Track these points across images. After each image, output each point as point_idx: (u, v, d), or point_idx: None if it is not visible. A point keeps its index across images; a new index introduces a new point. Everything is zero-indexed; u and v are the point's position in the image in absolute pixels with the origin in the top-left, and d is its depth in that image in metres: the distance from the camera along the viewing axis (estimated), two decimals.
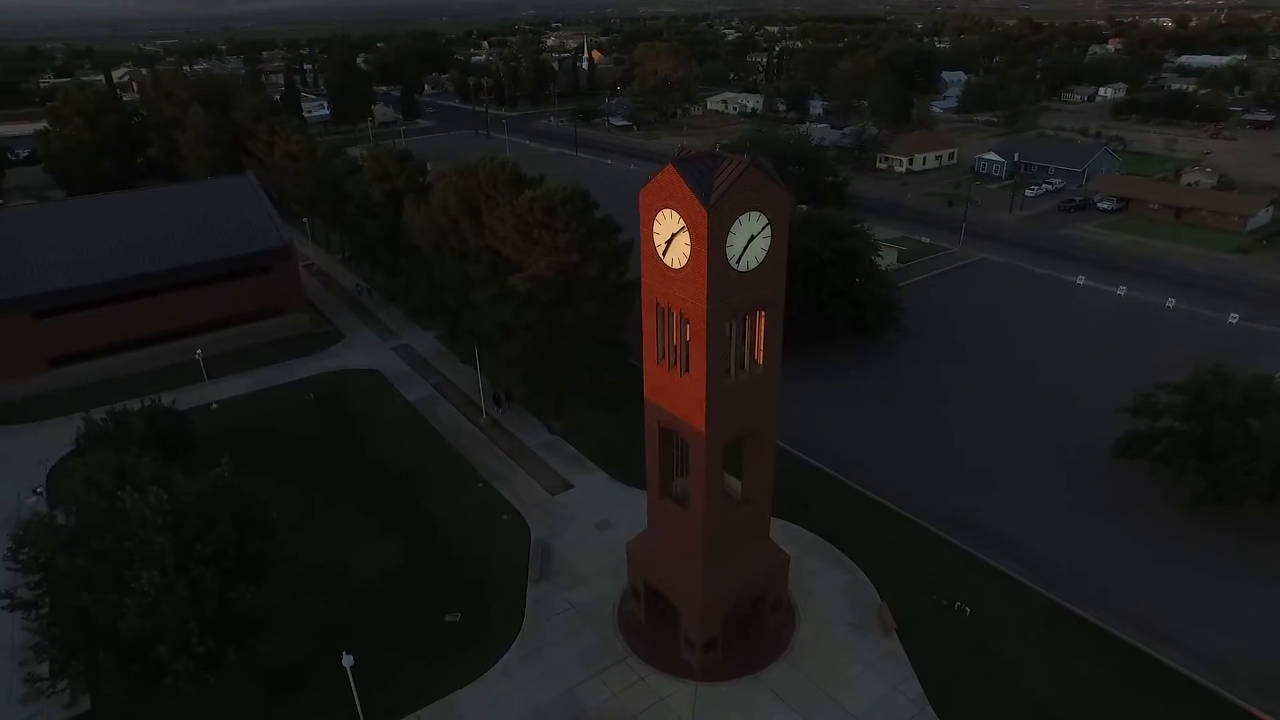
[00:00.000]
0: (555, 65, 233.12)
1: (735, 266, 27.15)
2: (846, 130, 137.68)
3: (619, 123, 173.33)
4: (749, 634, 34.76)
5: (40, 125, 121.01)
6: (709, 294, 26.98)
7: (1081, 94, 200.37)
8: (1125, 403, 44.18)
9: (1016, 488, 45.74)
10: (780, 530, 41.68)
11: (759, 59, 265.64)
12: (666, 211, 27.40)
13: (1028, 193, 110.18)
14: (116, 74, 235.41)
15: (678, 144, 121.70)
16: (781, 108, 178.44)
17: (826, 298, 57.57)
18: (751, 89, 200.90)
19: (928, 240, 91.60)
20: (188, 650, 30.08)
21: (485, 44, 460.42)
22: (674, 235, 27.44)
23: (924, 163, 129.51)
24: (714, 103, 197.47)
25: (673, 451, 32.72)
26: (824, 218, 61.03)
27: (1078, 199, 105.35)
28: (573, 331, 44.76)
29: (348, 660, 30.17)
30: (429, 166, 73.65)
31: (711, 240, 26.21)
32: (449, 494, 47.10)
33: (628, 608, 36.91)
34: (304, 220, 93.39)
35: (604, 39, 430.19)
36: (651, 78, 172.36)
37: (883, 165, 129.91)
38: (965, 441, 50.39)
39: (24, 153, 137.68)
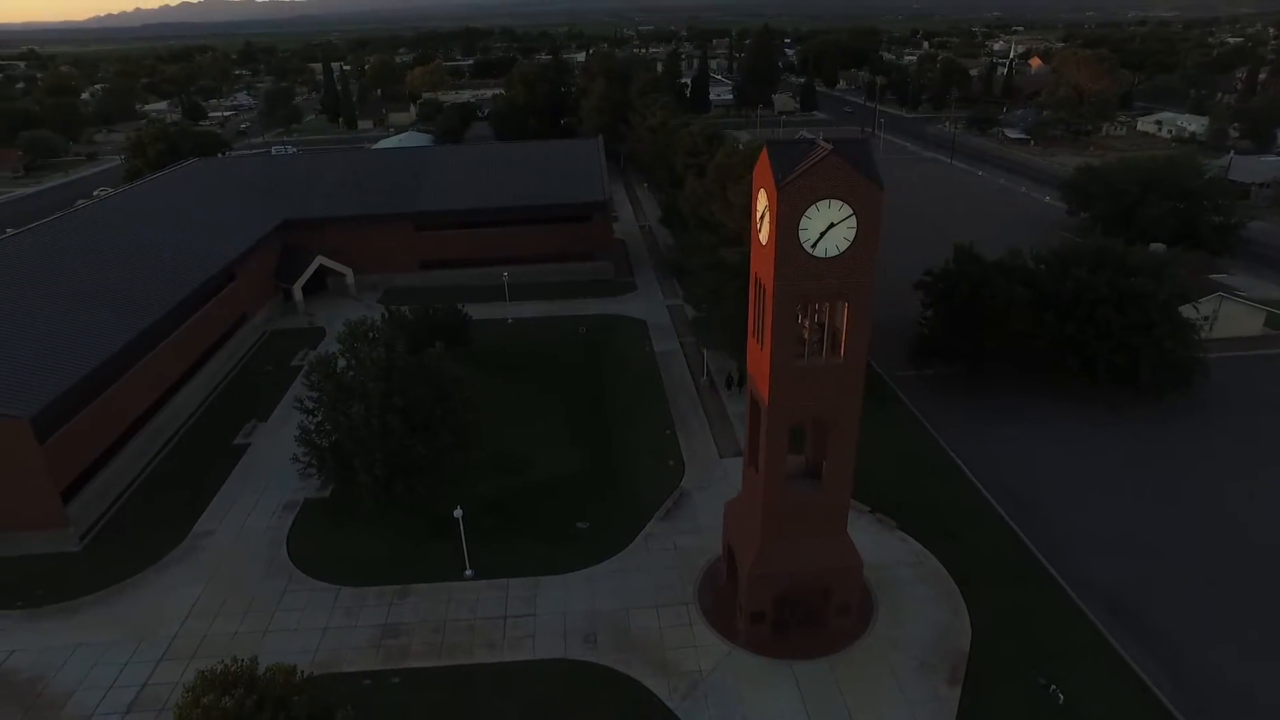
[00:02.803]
0: (973, 71, 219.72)
1: (810, 250, 27.85)
2: None
3: (1014, 135, 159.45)
4: (811, 625, 34.81)
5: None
6: (777, 272, 28.22)
7: None
8: None
9: (1220, 608, 36.88)
10: (903, 546, 40.08)
11: (1239, 74, 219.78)
12: (761, 190, 29.07)
13: None
14: (581, 55, 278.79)
15: (1075, 163, 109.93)
16: (1234, 134, 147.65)
17: (1091, 338, 50.52)
18: (1199, 109, 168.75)
19: None
20: (370, 471, 40.25)
21: (926, 44, 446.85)
22: (763, 212, 29.03)
23: None
24: (1146, 123, 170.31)
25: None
26: (1117, 250, 52.95)
27: None
28: None
29: (458, 512, 37.68)
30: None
31: (783, 220, 27.40)
32: (640, 432, 52.49)
33: (718, 564, 39.08)
34: (644, 185, 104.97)
35: (1060, 45, 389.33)
36: (1064, 88, 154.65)
37: None
38: (1188, 539, 41.29)
39: (486, 111, 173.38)
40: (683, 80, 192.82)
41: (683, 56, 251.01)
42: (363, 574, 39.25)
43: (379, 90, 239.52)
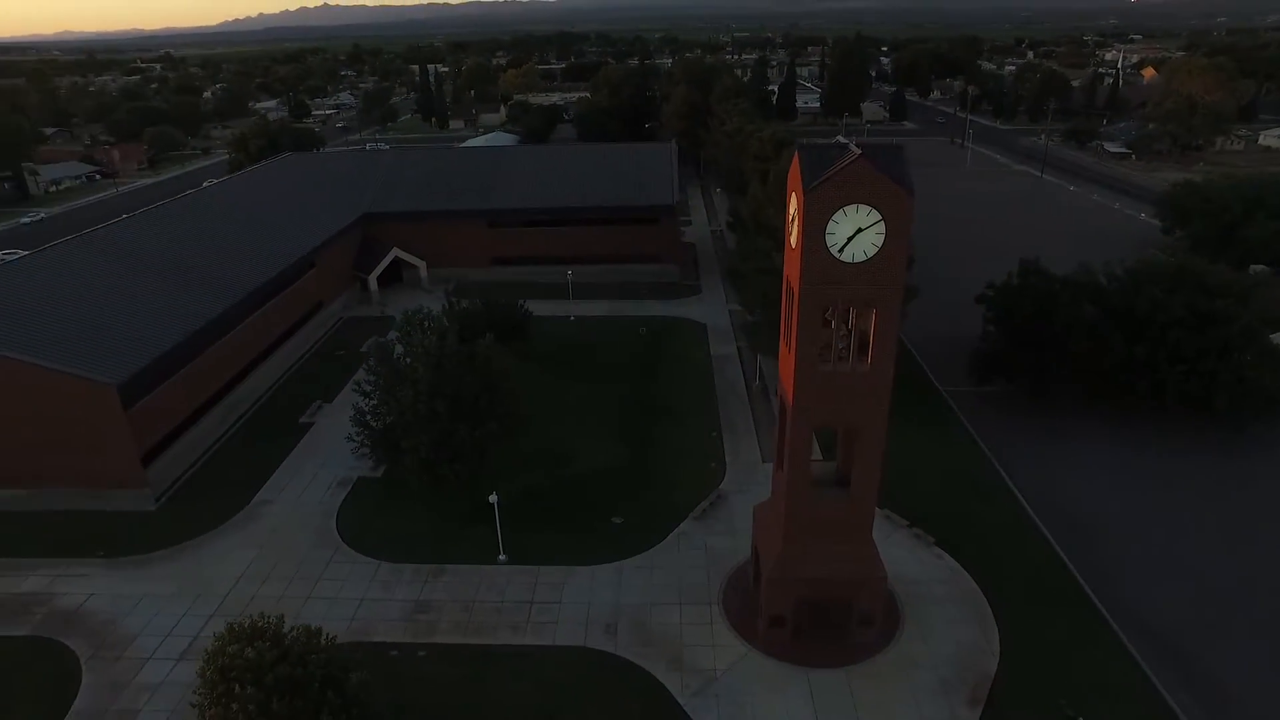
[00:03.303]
0: (1075, 82, 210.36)
1: (836, 255, 27.81)
2: None
3: (1114, 148, 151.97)
4: (832, 634, 34.52)
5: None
6: (803, 276, 28.33)
7: None
8: None
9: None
10: (939, 563, 39.25)
11: None
12: (792, 193, 29.21)
13: None
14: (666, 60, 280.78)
15: (1176, 179, 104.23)
16: None
17: (1162, 362, 48.09)
18: None
19: None
20: (416, 453, 42.06)
21: (1030, 53, 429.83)
22: (793, 215, 29.16)
23: None
24: (1269, 137, 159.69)
25: None
26: (1196, 269, 50.15)
27: None
28: None
29: (493, 497, 39.00)
30: None
31: (809, 223, 27.50)
32: (687, 433, 52.81)
33: (747, 567, 39.12)
34: (716, 190, 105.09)
35: (1179, 54, 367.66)
36: (1172, 99, 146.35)
37: None
38: (1259, 585, 38.60)
39: (571, 113, 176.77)
40: (769, 87, 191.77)
41: (774, 64, 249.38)
42: (403, 551, 41.06)
43: (472, 91, 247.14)
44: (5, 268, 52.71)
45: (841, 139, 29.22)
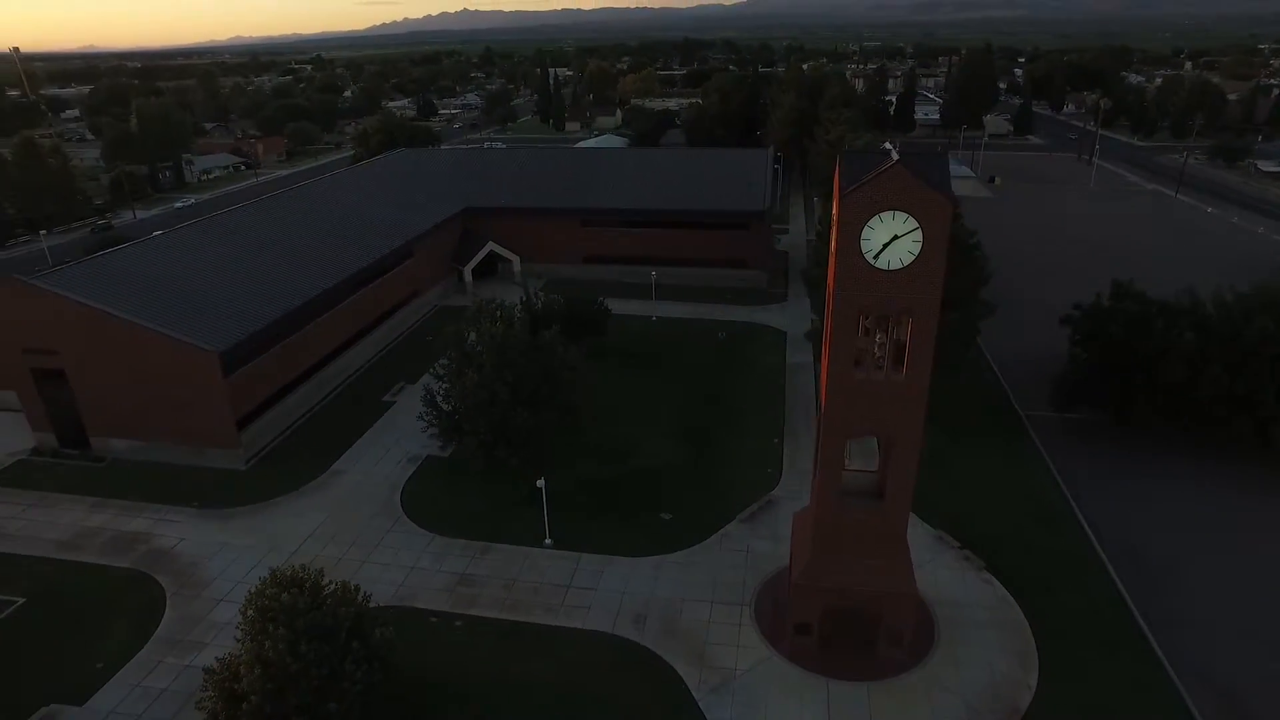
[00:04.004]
0: (1232, 95, 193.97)
1: (872, 261, 27.60)
2: None
3: (1269, 167, 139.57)
4: (860, 648, 34.01)
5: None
6: (837, 281, 28.27)
7: None
8: None
9: None
10: (986, 589, 37.91)
11: None
12: (834, 198, 29.16)
13: None
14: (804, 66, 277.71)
15: None
16: None
17: (1270, 399, 44.38)
18: None
19: None
20: (477, 435, 44.19)
21: (1188, 64, 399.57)
22: (833, 221, 29.10)
23: None
24: None
25: None
26: None
27: None
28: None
29: (541, 482, 40.50)
30: None
31: (845, 228, 27.46)
32: (749, 437, 52.78)
33: (785, 573, 38.95)
34: (815, 199, 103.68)
35: None
36: None
37: None
38: None
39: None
40: (886, 98, 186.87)
41: (898, 74, 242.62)
42: (456, 527, 43.20)
43: (590, 95, 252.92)
44: (137, 245, 59.00)
45: (888, 145, 28.91)
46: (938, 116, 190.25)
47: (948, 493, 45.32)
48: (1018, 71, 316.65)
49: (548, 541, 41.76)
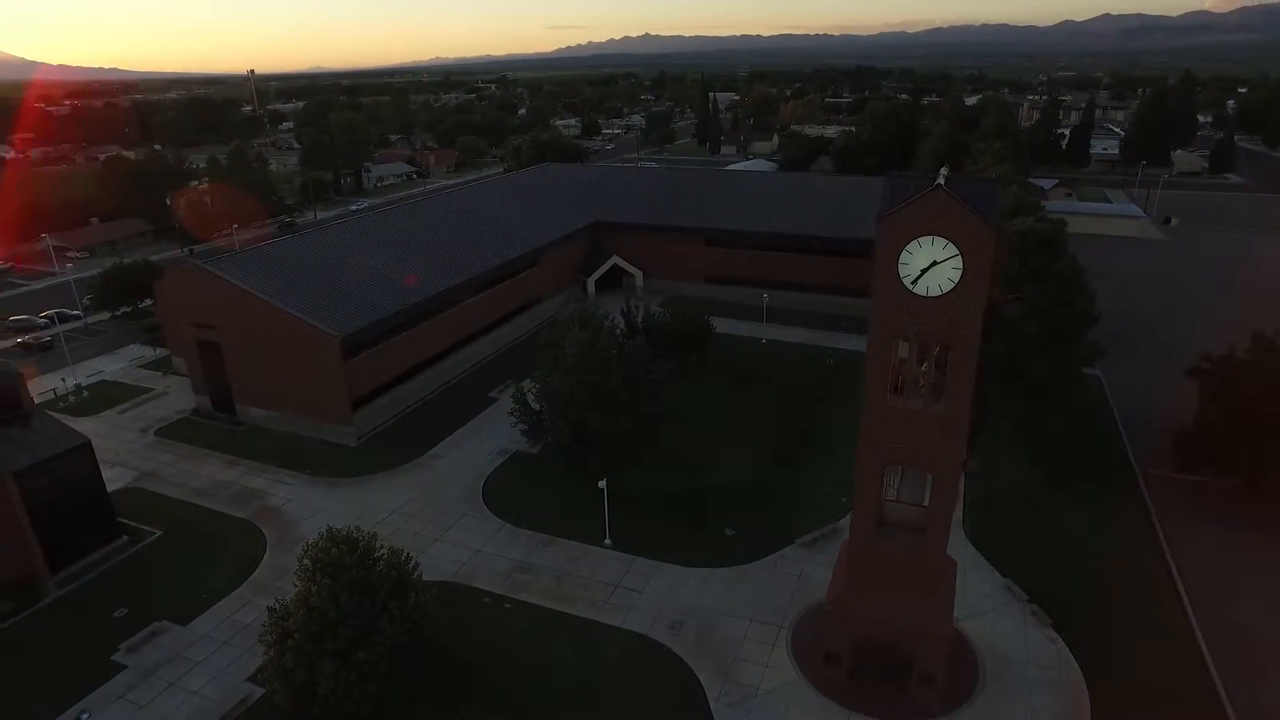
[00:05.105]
0: None
1: (909, 287, 27.21)
2: None
3: None
4: (891, 687, 32.95)
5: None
6: (875, 303, 28.05)
7: None
8: None
9: None
10: (1047, 647, 35.57)
11: None
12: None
13: None
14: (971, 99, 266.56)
15: None
16: None
17: None
18: None
19: None
20: (561, 434, 46.55)
21: None
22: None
23: None
24: None
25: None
26: None
27: None
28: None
29: (602, 483, 42.08)
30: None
31: (883, 252, 27.33)
32: (831, 464, 51.79)
33: None
34: None
35: None
36: None
37: None
38: None
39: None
40: (1060, 130, 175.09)
41: (1079, 106, 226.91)
42: (526, 519, 45.66)
43: (750, 120, 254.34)
44: (287, 240, 66.78)
45: (943, 171, 28.38)
46: (1117, 151, 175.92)
47: (1030, 540, 42.75)
48: (1231, 103, 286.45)
49: (607, 541, 43.26)
